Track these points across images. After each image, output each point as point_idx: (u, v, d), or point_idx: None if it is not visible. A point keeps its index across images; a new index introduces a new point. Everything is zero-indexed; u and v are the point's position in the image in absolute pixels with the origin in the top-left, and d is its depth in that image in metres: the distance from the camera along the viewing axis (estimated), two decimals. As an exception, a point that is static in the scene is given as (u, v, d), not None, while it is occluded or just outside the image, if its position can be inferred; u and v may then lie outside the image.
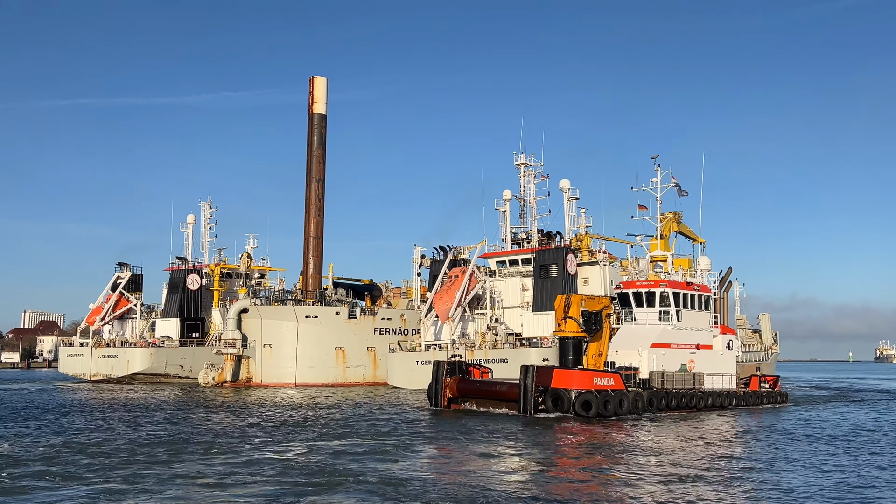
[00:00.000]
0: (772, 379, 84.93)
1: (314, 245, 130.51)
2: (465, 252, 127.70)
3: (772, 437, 55.48)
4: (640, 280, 75.66)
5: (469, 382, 70.85)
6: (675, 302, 73.82)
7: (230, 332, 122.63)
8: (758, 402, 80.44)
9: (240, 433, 53.16)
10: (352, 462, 39.88)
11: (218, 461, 39.94)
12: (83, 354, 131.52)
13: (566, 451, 46.22)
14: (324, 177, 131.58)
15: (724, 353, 77.90)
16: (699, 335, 75.90)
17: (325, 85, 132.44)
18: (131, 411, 71.14)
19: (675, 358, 73.24)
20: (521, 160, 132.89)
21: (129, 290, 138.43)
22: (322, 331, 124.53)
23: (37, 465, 38.27)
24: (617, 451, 45.61)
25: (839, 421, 68.65)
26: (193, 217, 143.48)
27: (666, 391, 70.37)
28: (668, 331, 73.29)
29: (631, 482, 35.50)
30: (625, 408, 66.13)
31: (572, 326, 67.42)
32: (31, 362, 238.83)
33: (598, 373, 66.26)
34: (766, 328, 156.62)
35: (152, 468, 37.43)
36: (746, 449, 48.70)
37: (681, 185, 77.58)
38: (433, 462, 41.74)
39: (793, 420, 68.14)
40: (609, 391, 65.33)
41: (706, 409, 73.46)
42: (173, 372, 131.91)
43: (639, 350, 71.33)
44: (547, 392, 64.78)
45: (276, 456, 41.94)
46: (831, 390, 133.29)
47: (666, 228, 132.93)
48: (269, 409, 74.04)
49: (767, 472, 39.73)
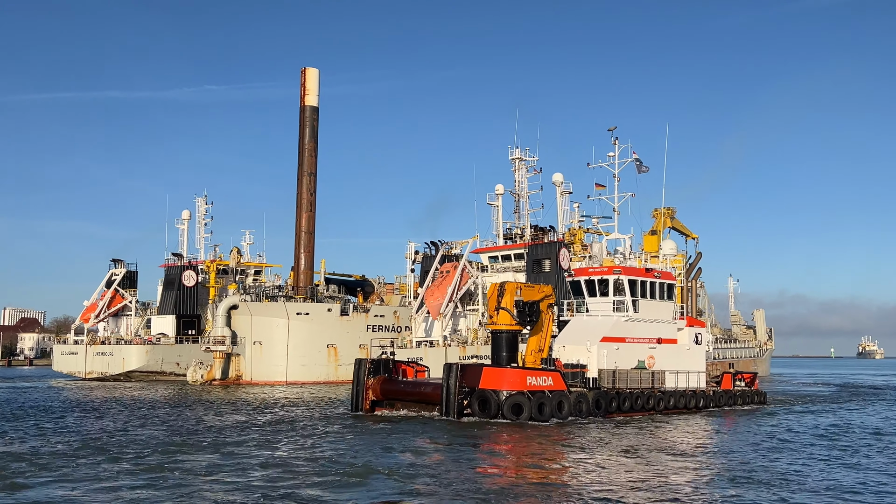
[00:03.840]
0: (749, 376, 71.65)
1: (305, 240, 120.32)
2: (456, 247, 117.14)
3: (733, 444, 43.21)
4: (593, 266, 63.27)
5: (394, 383, 59.19)
6: (632, 290, 61.49)
7: (219, 329, 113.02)
8: (730, 403, 67.42)
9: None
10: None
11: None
12: (78, 352, 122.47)
13: (451, 468, 34.37)
14: (315, 170, 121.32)
15: (690, 347, 65.17)
16: (660, 328, 63.30)
17: (318, 77, 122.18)
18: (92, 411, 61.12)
19: (631, 353, 60.82)
20: (515, 154, 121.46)
21: (123, 287, 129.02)
22: (313, 328, 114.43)
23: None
24: (523, 464, 34.78)
25: (823, 424, 55.59)
26: (189, 213, 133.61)
27: (618, 391, 58.07)
28: (623, 323, 60.92)
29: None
30: (565, 411, 54.06)
31: (505, 318, 55.39)
32: (13, 360, 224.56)
33: (534, 371, 54.26)
34: (761, 324, 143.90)
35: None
36: (694, 462, 36.58)
37: (641, 161, 64.88)
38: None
39: (767, 425, 55.42)
40: (546, 392, 53.42)
41: (667, 411, 60.86)
42: (169, 369, 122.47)
43: (587, 345, 58.95)
44: (474, 393, 52.89)
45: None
46: (834, 387, 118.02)
47: (659, 224, 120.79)
48: (220, 409, 64.10)
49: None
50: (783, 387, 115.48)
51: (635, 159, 65.49)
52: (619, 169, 65.54)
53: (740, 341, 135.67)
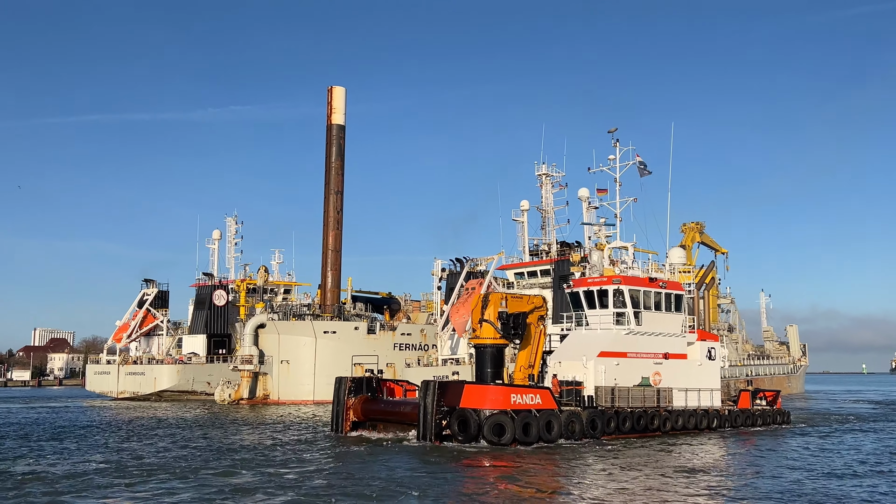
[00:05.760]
0: (771, 395, 64.15)
1: (332, 258, 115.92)
2: (482, 264, 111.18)
3: (745, 472, 36.71)
4: (592, 276, 56.84)
5: (375, 403, 53.39)
6: (634, 301, 54.92)
7: (247, 348, 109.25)
8: (748, 424, 60.07)
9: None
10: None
11: None
12: (110, 372, 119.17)
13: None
14: (342, 189, 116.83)
15: (702, 363, 58.20)
16: (667, 342, 56.59)
17: (344, 95, 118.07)
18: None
19: (634, 369, 54.28)
20: (541, 170, 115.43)
21: (155, 307, 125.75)
22: (340, 346, 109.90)
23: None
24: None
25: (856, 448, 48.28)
26: (219, 233, 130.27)
27: (617, 410, 51.43)
28: (624, 336, 54.44)
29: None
30: (554, 432, 47.73)
31: (488, 331, 49.41)
32: (42, 380, 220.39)
33: (520, 388, 48.15)
34: (794, 340, 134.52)
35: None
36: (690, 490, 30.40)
37: (645, 164, 58.41)
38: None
39: (787, 449, 48.29)
40: (533, 411, 47.17)
41: (674, 432, 54.01)
42: (200, 389, 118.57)
43: (584, 360, 52.52)
44: (453, 413, 46.89)
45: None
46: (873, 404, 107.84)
47: (688, 239, 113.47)
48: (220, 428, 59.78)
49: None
50: (825, 404, 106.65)
51: (639, 162, 59.11)
52: (620, 173, 59.31)
53: (773, 358, 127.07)
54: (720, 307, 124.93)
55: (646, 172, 59.00)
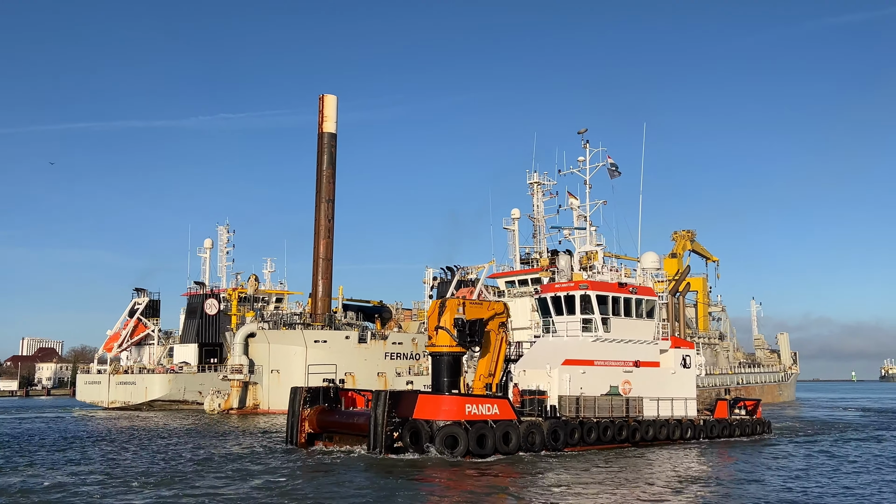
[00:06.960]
0: (751, 404, 60.45)
1: (323, 267, 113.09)
2: (473, 272, 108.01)
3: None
4: (560, 282, 53.69)
5: (331, 414, 50.23)
6: (602, 307, 51.61)
7: (237, 358, 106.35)
8: (725, 434, 56.49)
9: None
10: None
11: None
12: (101, 381, 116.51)
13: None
14: (334, 197, 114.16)
15: (676, 371, 54.82)
16: (638, 349, 53.28)
17: (335, 104, 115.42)
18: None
19: (601, 378, 51.01)
20: (533, 179, 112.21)
21: (146, 316, 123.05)
22: (331, 356, 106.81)
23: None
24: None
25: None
26: (211, 241, 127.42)
27: (581, 421, 48.13)
28: (591, 344, 51.21)
29: None
30: (512, 443, 44.52)
31: (444, 339, 46.30)
32: (30, 390, 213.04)
33: (475, 398, 45.03)
34: (785, 348, 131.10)
35: None
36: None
37: (617, 165, 55.21)
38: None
39: (763, 461, 44.83)
40: (489, 422, 43.94)
41: (644, 443, 50.63)
42: (192, 398, 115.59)
43: (548, 369, 49.29)
44: (405, 424, 43.80)
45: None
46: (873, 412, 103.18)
47: (679, 247, 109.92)
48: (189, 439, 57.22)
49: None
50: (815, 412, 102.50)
51: (610, 164, 55.89)
52: (590, 175, 56.03)
53: (764, 366, 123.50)
54: (711, 315, 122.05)
55: (616, 174, 55.88)
